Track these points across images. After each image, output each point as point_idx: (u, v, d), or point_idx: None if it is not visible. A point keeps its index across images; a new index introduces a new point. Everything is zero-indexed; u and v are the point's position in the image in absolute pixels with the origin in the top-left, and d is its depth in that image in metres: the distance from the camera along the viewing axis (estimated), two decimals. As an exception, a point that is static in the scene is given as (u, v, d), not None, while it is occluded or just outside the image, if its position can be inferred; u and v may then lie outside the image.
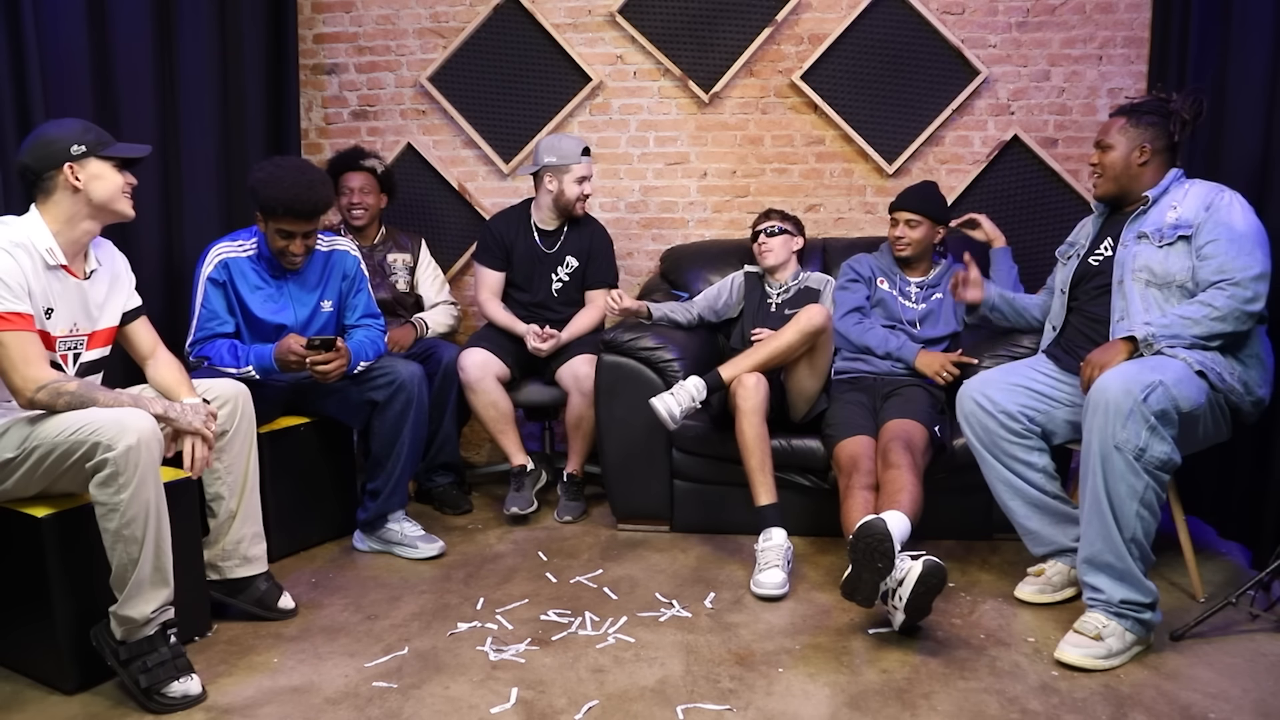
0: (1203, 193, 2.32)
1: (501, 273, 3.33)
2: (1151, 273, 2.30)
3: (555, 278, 3.32)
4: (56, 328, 2.06)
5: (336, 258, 2.82)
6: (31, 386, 1.91)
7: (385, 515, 2.80)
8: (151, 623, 1.94)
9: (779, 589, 2.46)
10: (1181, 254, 2.27)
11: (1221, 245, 2.21)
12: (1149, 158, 2.39)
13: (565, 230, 3.32)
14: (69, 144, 2.01)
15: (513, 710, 1.94)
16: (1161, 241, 2.30)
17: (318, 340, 2.58)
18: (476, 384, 3.08)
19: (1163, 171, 2.40)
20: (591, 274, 3.33)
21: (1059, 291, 2.57)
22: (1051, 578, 2.41)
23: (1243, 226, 2.23)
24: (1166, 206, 2.34)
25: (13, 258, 1.93)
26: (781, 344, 2.64)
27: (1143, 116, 2.40)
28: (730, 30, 3.54)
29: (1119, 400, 2.03)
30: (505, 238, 3.31)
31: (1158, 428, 2.04)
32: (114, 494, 1.84)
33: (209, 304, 2.63)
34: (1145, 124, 2.39)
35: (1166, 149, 2.40)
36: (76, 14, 2.57)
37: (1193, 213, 2.29)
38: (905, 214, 2.96)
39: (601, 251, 3.35)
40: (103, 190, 2.05)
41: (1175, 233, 2.29)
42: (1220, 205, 2.26)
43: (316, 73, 3.81)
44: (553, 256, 3.31)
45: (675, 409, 2.58)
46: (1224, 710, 1.90)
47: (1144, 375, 2.06)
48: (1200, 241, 2.25)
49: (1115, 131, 2.42)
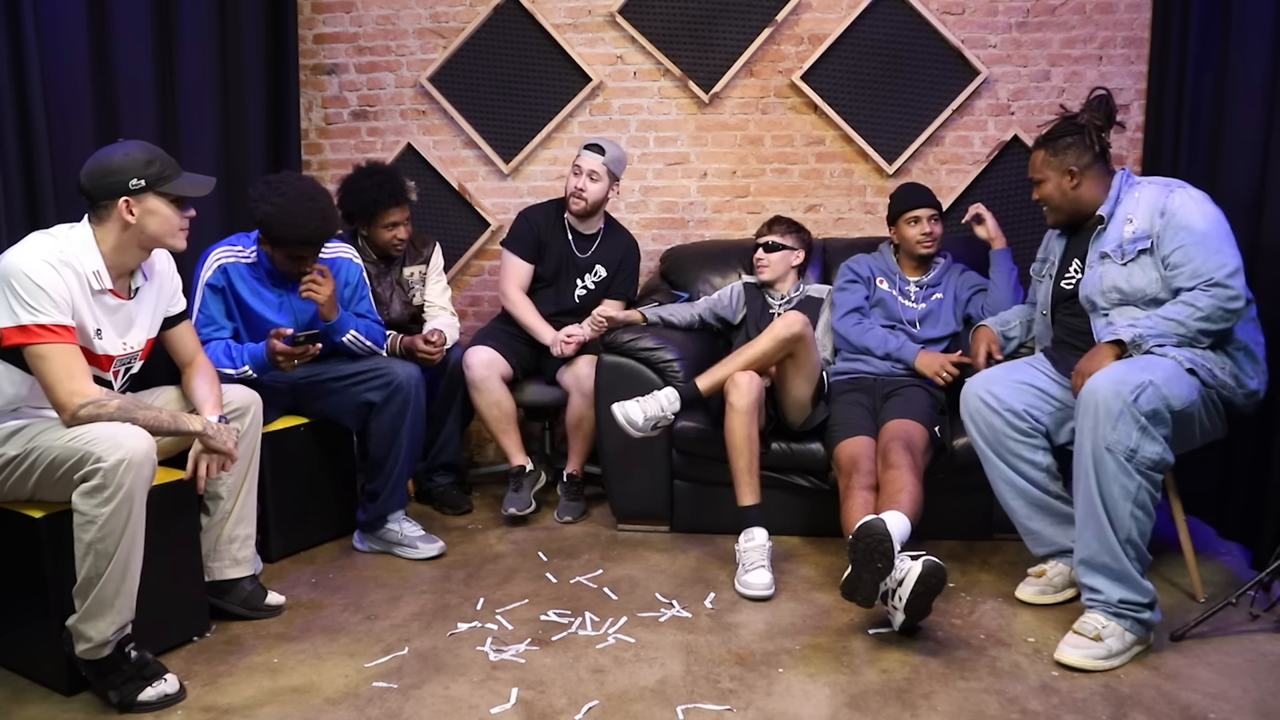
0: (1153, 197, 2.28)
1: (531, 265, 3.26)
2: (1120, 291, 2.28)
3: (581, 283, 3.30)
4: (111, 347, 2.07)
5: (339, 266, 2.83)
6: (76, 401, 1.91)
7: (385, 516, 2.80)
8: (109, 644, 1.92)
9: (768, 589, 2.46)
10: (1146, 267, 2.26)
11: (1189, 250, 2.18)
12: (1080, 178, 2.37)
13: (600, 236, 3.30)
14: (129, 177, 1.99)
15: (513, 710, 1.94)
16: (1124, 259, 2.28)
17: (302, 336, 2.58)
18: (482, 383, 3.08)
19: (1103, 182, 2.38)
20: (615, 286, 3.32)
21: (1040, 313, 2.58)
22: (1052, 579, 2.41)
23: (1203, 224, 2.20)
24: (1122, 219, 2.32)
25: (59, 274, 1.93)
26: (756, 351, 2.62)
27: (1057, 142, 2.38)
28: (730, 30, 3.54)
29: (1109, 402, 2.03)
30: (541, 232, 3.26)
31: (1149, 428, 2.03)
32: (96, 506, 1.83)
33: (206, 309, 2.63)
34: (1063, 148, 2.37)
35: (1095, 161, 2.36)
36: (76, 14, 2.57)
37: (1147, 222, 2.26)
38: (928, 210, 2.95)
39: (630, 265, 3.34)
40: (157, 227, 2.04)
41: (1135, 247, 2.27)
42: (1173, 209, 2.23)
43: (316, 73, 3.81)
44: (584, 262, 3.29)
45: (638, 417, 2.54)
46: (1224, 710, 1.90)
47: (1134, 375, 2.06)
48: (1165, 251, 2.22)
49: (1040, 165, 2.42)
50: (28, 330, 1.89)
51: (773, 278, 3.11)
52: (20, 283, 1.89)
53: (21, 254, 1.92)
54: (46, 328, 1.90)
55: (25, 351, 1.91)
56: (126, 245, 2.04)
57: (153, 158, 2.03)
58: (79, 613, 1.89)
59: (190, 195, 2.09)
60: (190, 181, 2.09)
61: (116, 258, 2.04)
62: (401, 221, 3.14)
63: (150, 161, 2.02)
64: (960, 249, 3.13)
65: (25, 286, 1.89)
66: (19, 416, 2.02)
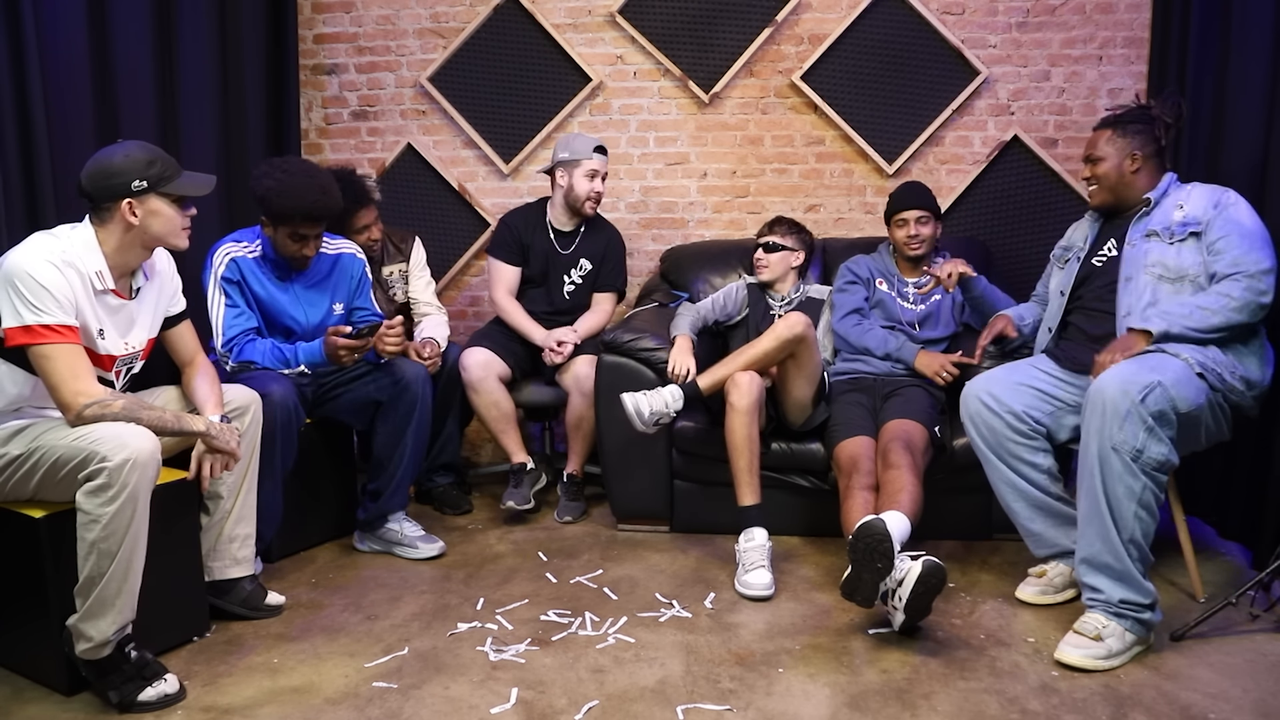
0: (1208, 192, 2.36)
1: (518, 268, 3.28)
2: (1165, 267, 2.32)
3: (568, 279, 3.31)
4: (113, 348, 2.08)
5: (344, 261, 2.83)
6: (81, 401, 1.91)
7: (385, 515, 2.80)
8: (109, 644, 1.92)
9: (768, 589, 2.46)
10: (1193, 250, 2.31)
11: (1234, 240, 2.24)
12: (1141, 164, 2.43)
13: (582, 232, 3.31)
14: (130, 179, 1.99)
15: (513, 710, 1.94)
16: (1173, 239, 2.33)
17: (365, 329, 2.62)
18: (479, 384, 3.08)
19: (1157, 175, 2.44)
20: (603, 277, 3.33)
21: (1058, 293, 2.57)
22: (1053, 579, 2.41)
23: (1250, 224, 2.28)
24: (1171, 206, 2.38)
25: (62, 275, 1.93)
26: (758, 352, 2.63)
27: (1128, 126, 2.44)
28: (730, 30, 3.54)
29: (1116, 401, 2.03)
30: (523, 235, 3.28)
31: (1155, 429, 2.04)
32: (101, 505, 1.83)
33: (232, 301, 2.63)
34: (1132, 133, 2.43)
35: (1155, 154, 2.44)
36: (76, 14, 2.57)
37: (1201, 210, 2.33)
38: (917, 212, 2.95)
39: (615, 255, 3.34)
40: (160, 227, 2.05)
41: (1185, 229, 2.32)
42: (1227, 204, 2.31)
43: (316, 73, 3.81)
44: (568, 258, 3.30)
45: (645, 410, 2.57)
46: (1224, 710, 1.90)
47: (1142, 376, 2.06)
48: (1212, 237, 2.28)
49: (1103, 143, 2.46)
50: (32, 331, 1.89)
51: (772, 278, 3.11)
52: (25, 283, 1.89)
53: (25, 254, 1.92)
54: (51, 328, 1.90)
55: (30, 352, 1.91)
56: (129, 246, 2.04)
57: (153, 158, 2.03)
58: (80, 612, 1.89)
59: (192, 195, 2.10)
60: (191, 181, 2.10)
61: (119, 258, 2.04)
62: (371, 223, 3.17)
63: (151, 162, 2.02)
64: (960, 249, 3.13)
65: (29, 287, 1.89)
66: (21, 416, 2.02)
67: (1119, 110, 2.50)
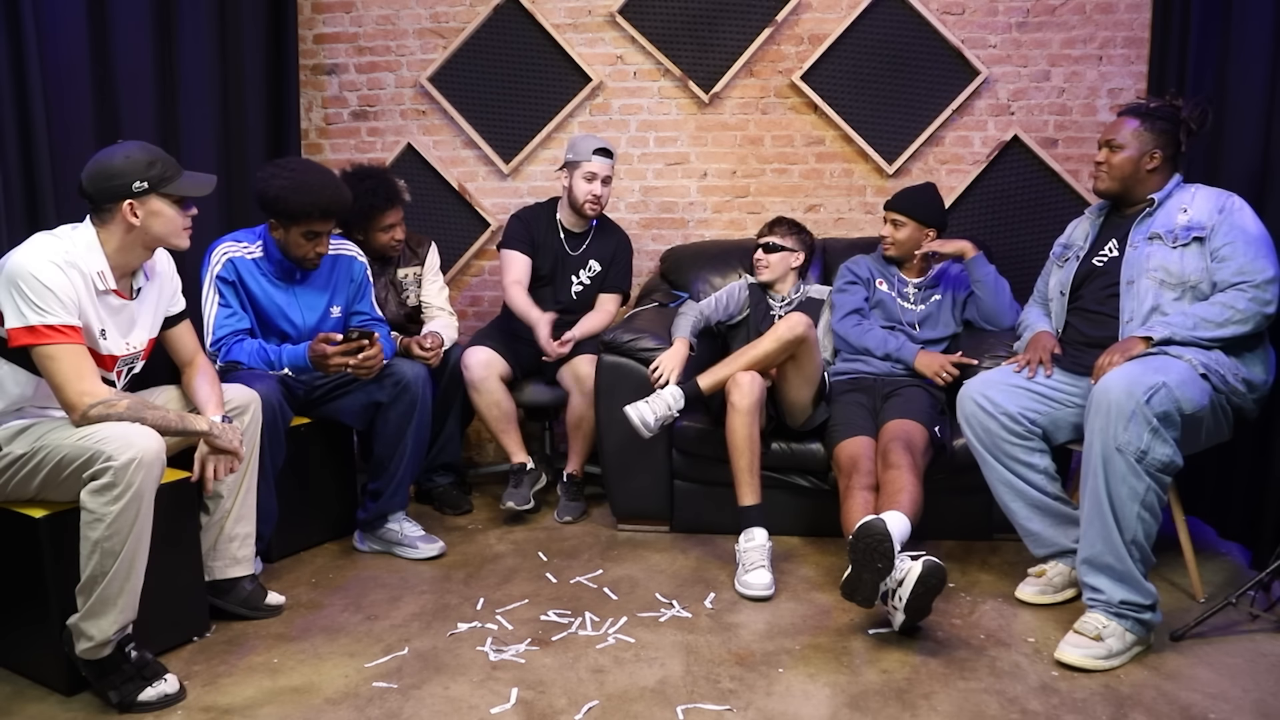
0: (1212, 196, 2.35)
1: (530, 259, 3.26)
2: (1167, 272, 2.31)
3: (577, 280, 3.31)
4: (115, 348, 2.08)
5: (344, 262, 2.83)
6: (86, 401, 1.91)
7: (385, 515, 2.80)
8: (110, 643, 1.92)
9: (768, 589, 2.46)
10: (1196, 255, 2.29)
11: (1239, 247, 2.24)
12: (1159, 163, 2.41)
13: (591, 233, 3.31)
14: (131, 180, 1.99)
15: (513, 710, 1.94)
16: (1175, 243, 2.31)
17: (354, 333, 2.59)
18: (480, 383, 3.08)
19: (1167, 177, 2.43)
20: (610, 279, 3.33)
21: (1059, 293, 2.57)
22: (1052, 579, 2.41)
23: (1255, 230, 2.27)
24: (1175, 209, 2.36)
25: (65, 275, 1.93)
26: (759, 352, 2.63)
27: (1156, 121, 2.41)
28: (730, 30, 3.54)
29: (1121, 402, 2.03)
30: (534, 230, 3.27)
31: (1160, 430, 2.04)
32: (105, 504, 1.84)
33: (225, 302, 2.62)
34: (1159, 130, 2.40)
35: (1173, 157, 2.42)
36: (76, 14, 2.57)
37: (1205, 215, 2.31)
38: (891, 213, 2.97)
39: (623, 258, 3.35)
40: (161, 228, 2.05)
41: (1189, 234, 2.30)
42: (1232, 209, 2.30)
43: (316, 73, 3.81)
44: (577, 258, 3.30)
45: (650, 418, 2.56)
46: (1224, 710, 1.90)
47: (1147, 377, 2.06)
48: (1216, 243, 2.27)
49: (1128, 132, 2.42)
50: (36, 331, 1.89)
51: (772, 278, 3.11)
52: (28, 284, 1.89)
53: (28, 255, 1.92)
54: (55, 328, 1.90)
55: (34, 352, 1.91)
56: (131, 246, 2.04)
57: (154, 159, 2.03)
58: (81, 611, 1.90)
59: (192, 195, 2.10)
60: (192, 181, 2.10)
61: (120, 258, 2.04)
62: (397, 223, 3.14)
63: (152, 163, 2.02)
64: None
65: (33, 288, 1.89)
66: (23, 416, 2.02)
67: (1150, 101, 2.47)
